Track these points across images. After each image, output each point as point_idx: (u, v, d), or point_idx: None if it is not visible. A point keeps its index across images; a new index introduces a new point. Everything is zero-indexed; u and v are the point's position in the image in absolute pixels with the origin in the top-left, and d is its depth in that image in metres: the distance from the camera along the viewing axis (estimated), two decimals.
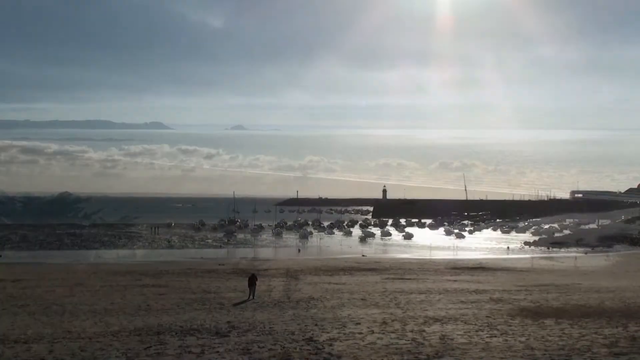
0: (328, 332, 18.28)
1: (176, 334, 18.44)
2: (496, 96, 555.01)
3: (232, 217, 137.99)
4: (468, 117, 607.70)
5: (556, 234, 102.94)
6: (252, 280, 28.20)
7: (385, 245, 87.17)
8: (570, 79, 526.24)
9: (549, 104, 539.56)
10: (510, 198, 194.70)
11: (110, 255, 66.24)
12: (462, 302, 26.44)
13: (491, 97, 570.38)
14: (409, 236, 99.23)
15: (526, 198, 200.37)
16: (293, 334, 18.10)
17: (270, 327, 19.47)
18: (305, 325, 19.79)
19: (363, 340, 16.81)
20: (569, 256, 66.44)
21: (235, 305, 25.49)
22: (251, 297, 27.34)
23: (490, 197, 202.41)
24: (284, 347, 15.82)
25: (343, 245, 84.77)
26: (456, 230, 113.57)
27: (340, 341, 16.72)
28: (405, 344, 16.30)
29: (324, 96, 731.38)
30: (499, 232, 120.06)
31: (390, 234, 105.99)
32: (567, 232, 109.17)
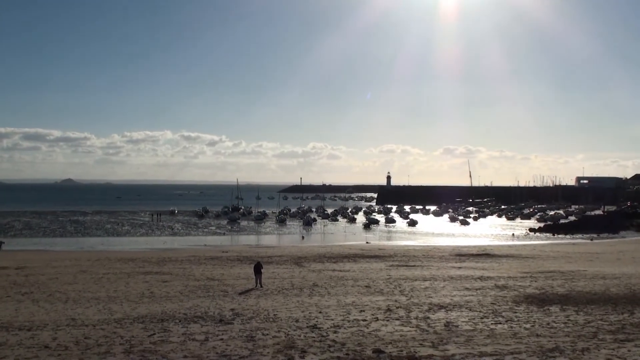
0: (332, 319, 18.32)
1: (180, 321, 18.51)
2: (502, 88, 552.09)
3: (235, 204, 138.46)
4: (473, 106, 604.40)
5: (561, 221, 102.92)
6: (258, 269, 28.15)
7: (389, 232, 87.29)
8: (585, 67, 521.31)
9: (556, 90, 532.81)
10: (515, 184, 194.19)
11: (113, 242, 66.54)
12: (466, 289, 26.48)
13: (496, 90, 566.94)
14: (413, 223, 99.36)
15: (531, 184, 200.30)
16: (297, 321, 18.15)
17: (274, 315, 19.53)
18: (310, 313, 19.83)
19: (367, 328, 16.84)
20: (574, 242, 66.42)
21: (241, 294, 25.54)
22: (258, 285, 27.36)
23: (495, 183, 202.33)
24: (288, 335, 15.86)
25: (347, 232, 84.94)
26: (461, 217, 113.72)
27: (345, 328, 16.76)
28: (409, 330, 16.33)
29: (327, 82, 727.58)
30: (503, 218, 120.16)
31: (394, 221, 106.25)
32: (572, 218, 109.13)
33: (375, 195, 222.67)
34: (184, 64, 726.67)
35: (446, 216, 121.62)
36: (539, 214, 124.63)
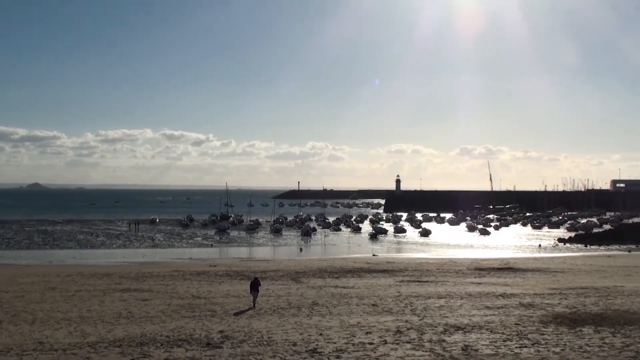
0: (334, 343, 18.31)
1: (162, 345, 18.50)
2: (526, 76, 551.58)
3: (224, 211, 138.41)
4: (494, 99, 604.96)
5: (595, 230, 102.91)
6: (255, 286, 27.97)
7: (399, 243, 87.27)
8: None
9: (589, 82, 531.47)
10: (542, 188, 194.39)
11: (86, 255, 66.50)
12: (487, 307, 26.46)
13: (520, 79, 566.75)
14: (426, 233, 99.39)
15: (560, 188, 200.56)
16: (295, 344, 18.14)
17: (268, 337, 19.52)
18: (309, 335, 19.81)
19: (374, 352, 16.83)
20: (610, 255, 66.39)
21: (231, 314, 25.51)
22: (254, 305, 27.23)
23: (519, 188, 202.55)
24: None
25: (351, 243, 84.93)
26: (480, 226, 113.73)
27: (349, 353, 16.74)
28: (422, 355, 16.31)
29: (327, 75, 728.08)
30: (529, 227, 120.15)
31: (404, 231, 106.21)
32: (607, 227, 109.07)
33: (382, 202, 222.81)
34: (166, 52, 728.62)
35: (463, 225, 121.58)
36: (569, 222, 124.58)
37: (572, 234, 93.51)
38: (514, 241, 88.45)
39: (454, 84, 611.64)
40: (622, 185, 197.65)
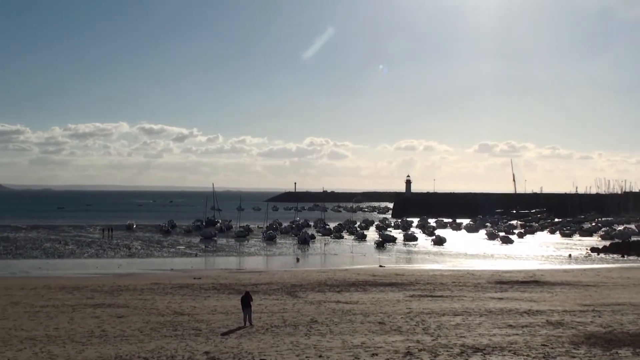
0: None
1: None
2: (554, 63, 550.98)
3: (210, 216, 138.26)
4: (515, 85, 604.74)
5: (633, 238, 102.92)
6: (246, 301, 27.83)
7: (409, 252, 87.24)
8: None
9: (626, 70, 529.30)
10: (573, 191, 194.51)
11: (54, 266, 66.46)
12: (510, 326, 26.46)
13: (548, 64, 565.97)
14: (440, 241, 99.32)
15: (593, 191, 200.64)
16: None
17: None
18: (307, 357, 19.81)
19: None
20: None
21: (218, 333, 25.51)
22: (247, 323, 27.17)
23: (546, 190, 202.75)
24: None
25: (355, 252, 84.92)
26: (502, 233, 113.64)
27: None
28: None
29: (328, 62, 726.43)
30: (557, 235, 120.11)
31: (416, 238, 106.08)
32: None
33: (390, 206, 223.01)
34: (143, 35, 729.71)
35: (483, 232, 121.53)
36: (603, 229, 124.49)
37: (607, 243, 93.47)
38: (541, 251, 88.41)
39: (473, 71, 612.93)
40: None
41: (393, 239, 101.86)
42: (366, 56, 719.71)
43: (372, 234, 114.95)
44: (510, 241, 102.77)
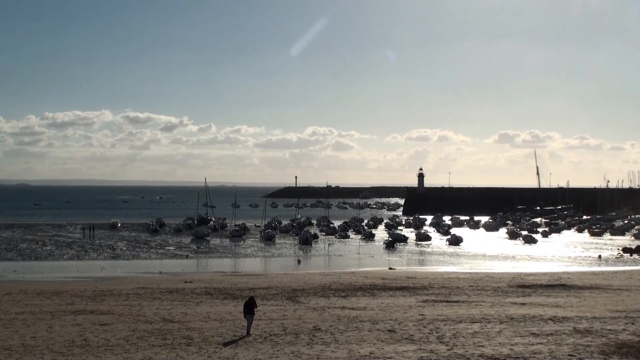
0: None
1: None
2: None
3: (203, 214, 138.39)
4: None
5: None
6: (250, 307, 27.74)
7: (422, 253, 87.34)
8: None
9: None
10: (603, 185, 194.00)
11: (30, 268, 66.61)
12: (533, 334, 26.47)
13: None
14: (455, 241, 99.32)
15: (626, 185, 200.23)
16: None
17: None
18: None
19: None
20: None
21: (217, 343, 25.51)
22: (248, 332, 27.10)
23: (573, 184, 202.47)
24: None
25: (362, 253, 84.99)
26: (524, 232, 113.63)
27: None
28: None
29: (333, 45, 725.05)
30: (586, 234, 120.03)
31: (429, 238, 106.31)
32: None
33: (401, 202, 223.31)
34: (128, 16, 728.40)
35: (503, 231, 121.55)
36: (636, 227, 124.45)
37: None
38: (567, 251, 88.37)
39: (491, 54, 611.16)
40: None
41: (404, 239, 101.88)
42: (373, 39, 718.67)
43: (381, 233, 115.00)
44: (534, 241, 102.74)
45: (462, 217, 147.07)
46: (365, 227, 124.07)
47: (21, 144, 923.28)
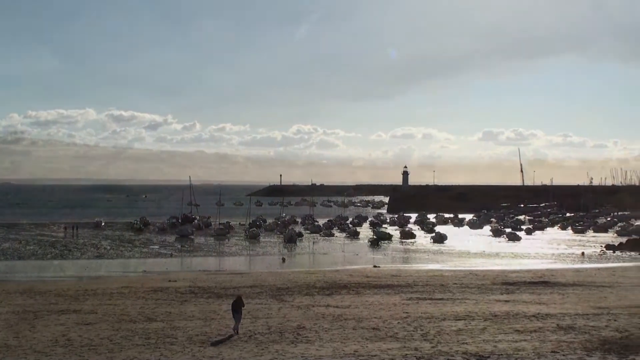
0: None
1: None
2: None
3: (187, 212, 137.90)
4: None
5: None
6: (238, 306, 27.70)
7: (406, 251, 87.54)
8: None
9: None
10: (587, 183, 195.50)
11: (12, 268, 66.19)
12: (517, 331, 26.60)
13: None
14: (440, 238, 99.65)
15: (609, 182, 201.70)
16: None
17: None
18: None
19: None
20: None
21: (202, 342, 25.43)
22: (236, 331, 27.02)
23: (557, 182, 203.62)
24: None
25: (346, 252, 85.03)
26: (508, 230, 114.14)
27: None
28: None
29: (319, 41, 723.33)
30: (569, 231, 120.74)
31: (413, 236, 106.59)
32: None
33: (386, 200, 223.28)
34: (111, 11, 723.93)
35: (487, 228, 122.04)
36: (619, 224, 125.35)
37: (624, 240, 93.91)
38: (551, 248, 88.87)
39: (475, 48, 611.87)
40: None
41: (389, 237, 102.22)
42: (360, 33, 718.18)
43: (365, 231, 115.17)
44: (518, 238, 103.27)
45: (447, 215, 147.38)
46: (350, 225, 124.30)
47: (3, 143, 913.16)
